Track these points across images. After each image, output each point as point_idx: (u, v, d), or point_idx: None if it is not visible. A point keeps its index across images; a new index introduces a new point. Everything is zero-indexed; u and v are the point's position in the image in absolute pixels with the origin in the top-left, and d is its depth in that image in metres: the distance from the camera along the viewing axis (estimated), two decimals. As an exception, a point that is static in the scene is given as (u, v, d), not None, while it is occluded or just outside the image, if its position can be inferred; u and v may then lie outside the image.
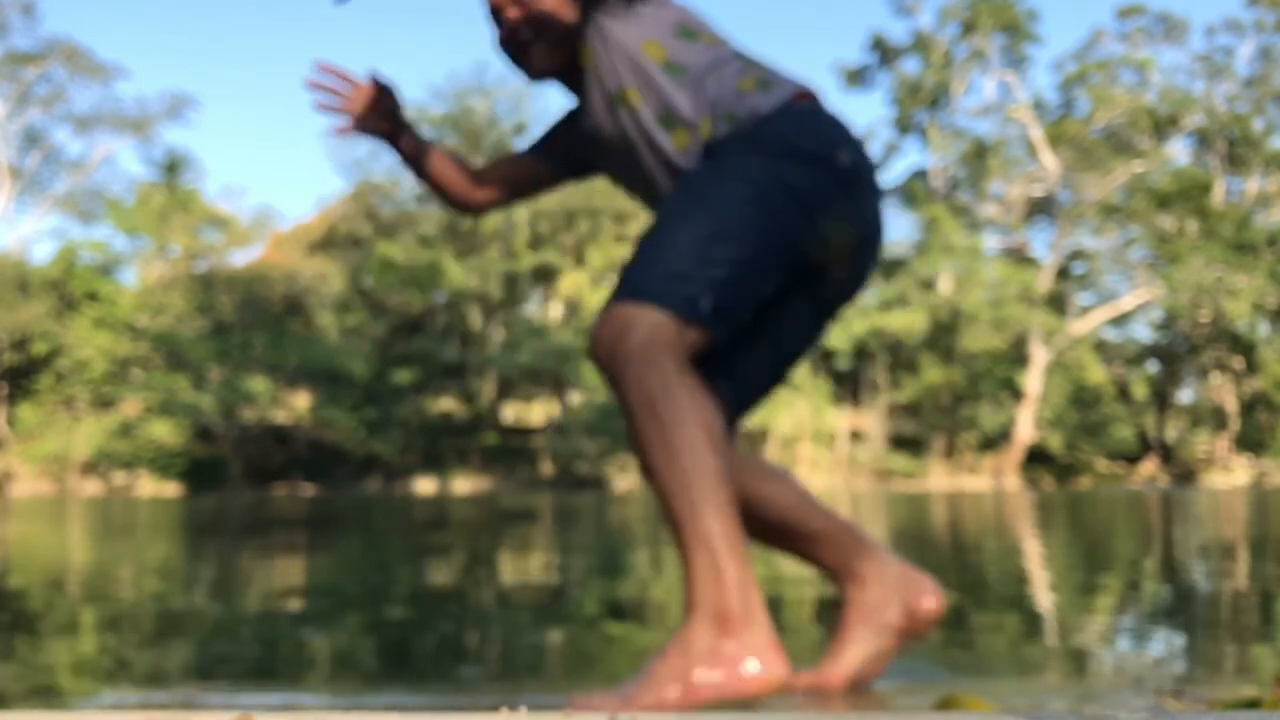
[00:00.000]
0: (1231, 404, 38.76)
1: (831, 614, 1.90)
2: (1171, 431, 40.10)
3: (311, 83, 1.92)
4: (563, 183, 1.99)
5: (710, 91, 1.65)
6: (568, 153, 1.91)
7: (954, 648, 2.37)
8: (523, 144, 2.07)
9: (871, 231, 1.78)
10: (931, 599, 1.77)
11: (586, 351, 1.59)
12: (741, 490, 1.61)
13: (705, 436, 1.47)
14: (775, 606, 3.26)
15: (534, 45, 1.74)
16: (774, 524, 1.72)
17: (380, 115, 1.94)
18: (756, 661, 1.42)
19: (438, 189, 1.97)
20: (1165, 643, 2.44)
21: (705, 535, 1.44)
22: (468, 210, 1.98)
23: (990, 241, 40.16)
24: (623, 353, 1.48)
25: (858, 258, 1.76)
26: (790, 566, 4.29)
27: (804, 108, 1.71)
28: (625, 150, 1.72)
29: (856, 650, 1.70)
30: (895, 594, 1.73)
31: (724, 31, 1.76)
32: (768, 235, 1.57)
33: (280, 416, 36.75)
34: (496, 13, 1.76)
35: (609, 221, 37.70)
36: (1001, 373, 37.68)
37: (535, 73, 1.78)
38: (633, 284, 1.53)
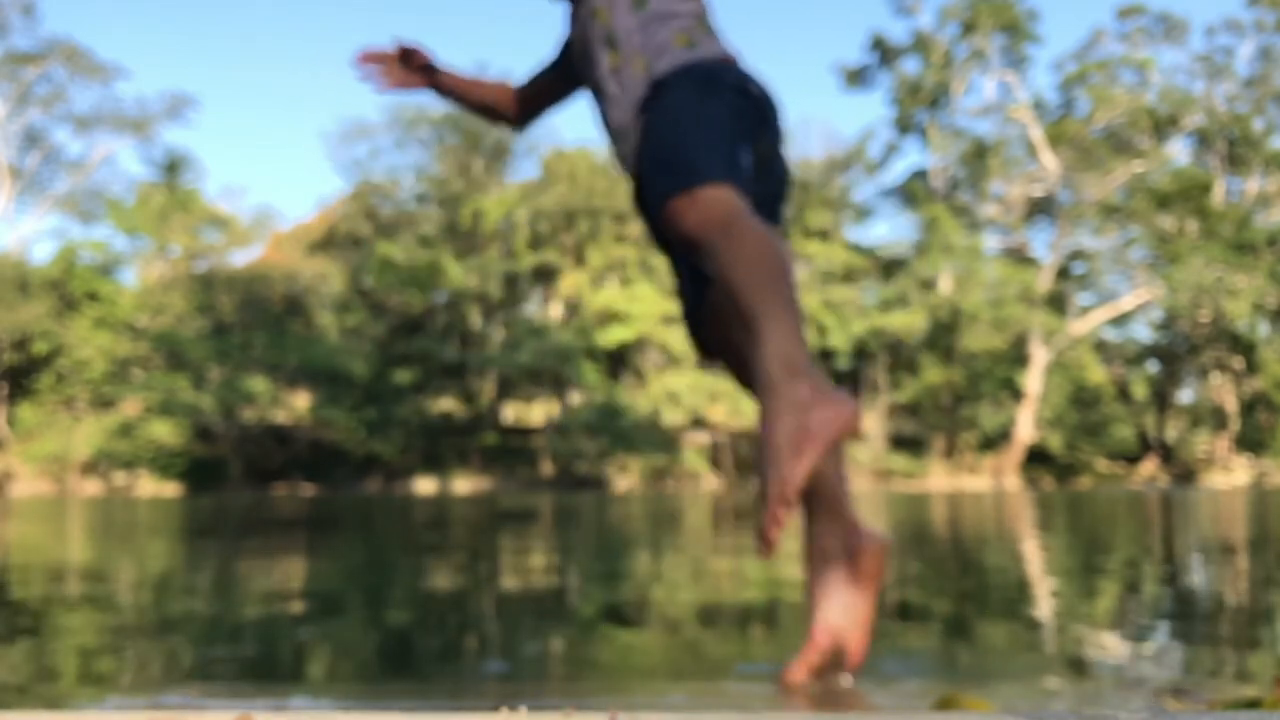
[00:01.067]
0: (1231, 404, 38.77)
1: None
2: (1171, 431, 40.10)
3: (357, 71, 2.24)
4: (572, 92, 2.29)
5: (654, 36, 1.98)
6: (570, 65, 2.22)
7: (954, 648, 2.37)
8: (522, 144, 2.26)
9: (781, 140, 2.09)
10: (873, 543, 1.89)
11: (665, 231, 1.87)
12: None
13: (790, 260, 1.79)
14: (775, 607, 3.26)
15: None
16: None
17: (414, 71, 2.26)
18: (839, 394, 1.67)
19: (483, 113, 2.33)
20: (1165, 643, 2.44)
21: (795, 312, 1.72)
22: (513, 125, 2.36)
23: (990, 241, 40.20)
24: (721, 218, 1.74)
25: (778, 159, 2.06)
26: (791, 569, 4.29)
27: (721, 64, 2.01)
28: (586, 57, 2.07)
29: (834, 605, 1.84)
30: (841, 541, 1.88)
31: None
32: (735, 129, 1.92)
33: (280, 416, 36.75)
34: None
35: (609, 221, 37.70)
36: (1001, 373, 37.68)
37: None
38: (688, 170, 1.80)
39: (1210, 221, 37.60)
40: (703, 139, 1.86)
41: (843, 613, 1.84)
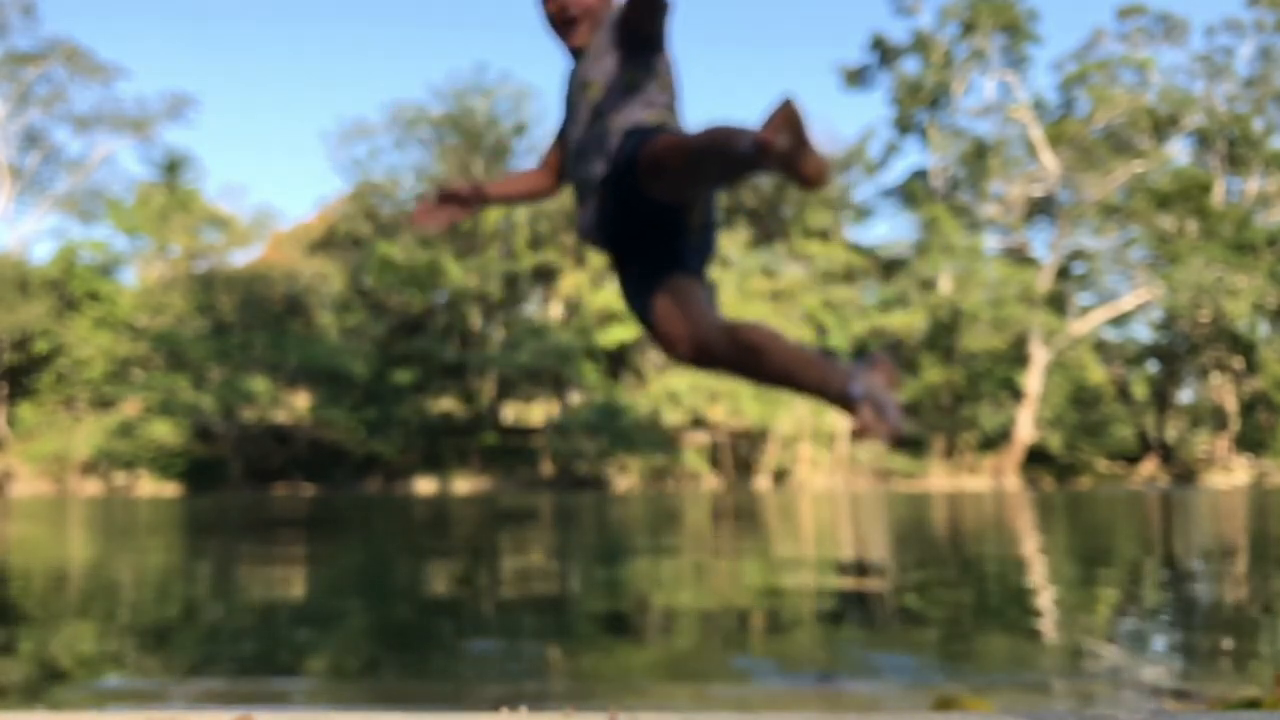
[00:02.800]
0: (1231, 404, 38.75)
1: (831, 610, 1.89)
2: (1171, 431, 40.09)
3: (416, 225, 2.55)
4: None
5: (634, 113, 2.34)
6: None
7: (954, 648, 2.37)
8: (522, 144, 2.36)
9: (716, 219, 2.47)
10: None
11: (637, 169, 2.13)
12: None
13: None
14: (775, 608, 3.25)
15: (579, 25, 2.38)
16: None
17: (463, 203, 2.56)
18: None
19: (527, 199, 2.63)
20: (1165, 643, 2.43)
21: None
22: (552, 195, 2.62)
23: (990, 241, 40.18)
24: (685, 140, 2.04)
25: (711, 230, 2.44)
26: (789, 573, 4.29)
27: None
28: (571, 115, 2.40)
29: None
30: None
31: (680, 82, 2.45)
32: None
33: (280, 416, 36.73)
34: None
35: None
36: (1001, 373, 37.66)
37: (573, 44, 2.40)
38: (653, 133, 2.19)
39: (1210, 221, 37.59)
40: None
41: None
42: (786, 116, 1.92)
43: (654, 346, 2.43)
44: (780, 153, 1.91)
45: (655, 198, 2.13)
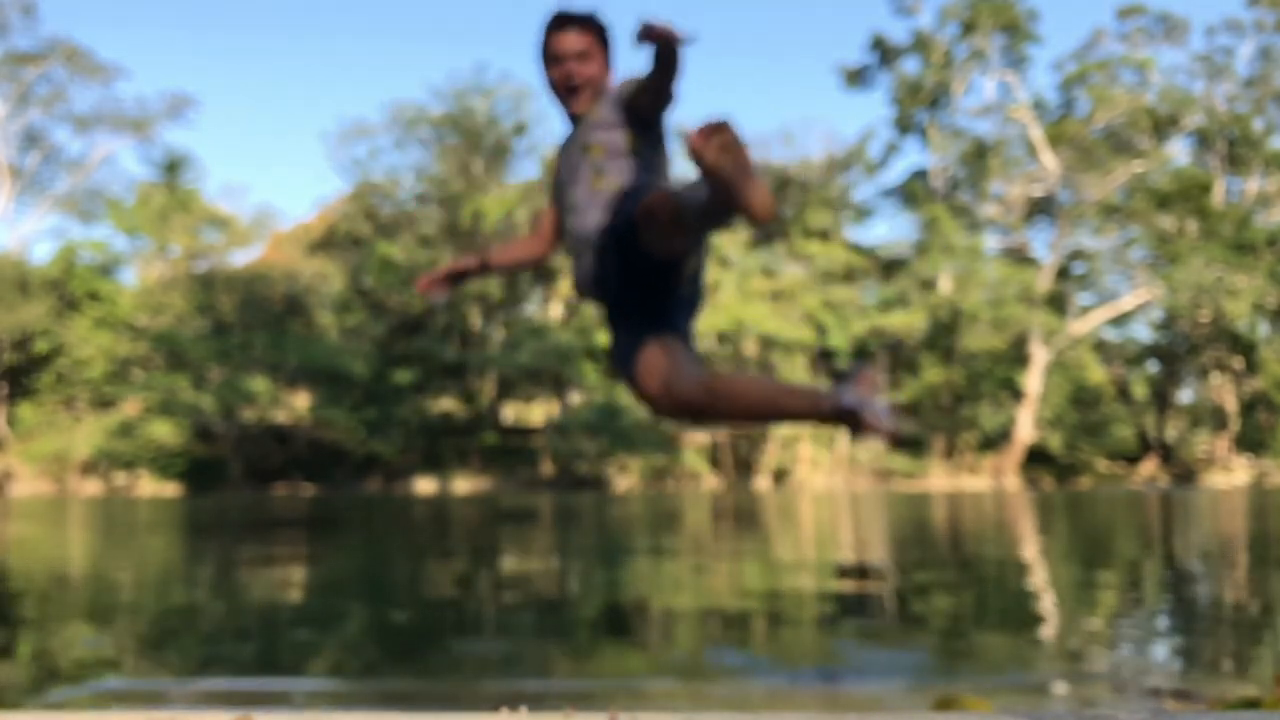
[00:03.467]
0: (1231, 404, 38.75)
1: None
2: (1171, 431, 40.09)
3: (421, 294, 2.75)
4: None
5: (635, 177, 2.53)
6: (557, 192, 2.69)
7: (954, 648, 2.37)
8: (522, 144, 2.44)
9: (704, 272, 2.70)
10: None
11: (635, 224, 2.28)
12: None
13: None
14: (775, 608, 3.25)
15: (582, 93, 2.58)
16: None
17: (466, 274, 2.77)
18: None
19: (527, 266, 2.79)
20: (1165, 643, 2.43)
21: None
22: (548, 257, 2.81)
23: (990, 241, 40.16)
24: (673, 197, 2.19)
25: (700, 279, 2.65)
26: (788, 573, 4.29)
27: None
28: (570, 175, 2.57)
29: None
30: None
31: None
32: None
33: (280, 416, 36.72)
34: (559, 62, 2.59)
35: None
36: (1001, 373, 37.65)
37: (574, 110, 2.60)
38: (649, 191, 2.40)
39: (1210, 221, 37.58)
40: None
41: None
42: (725, 141, 2.02)
43: (639, 402, 2.58)
44: (722, 178, 2.01)
45: (651, 252, 2.26)
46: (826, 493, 26.81)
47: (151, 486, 34.95)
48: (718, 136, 2.02)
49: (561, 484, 36.07)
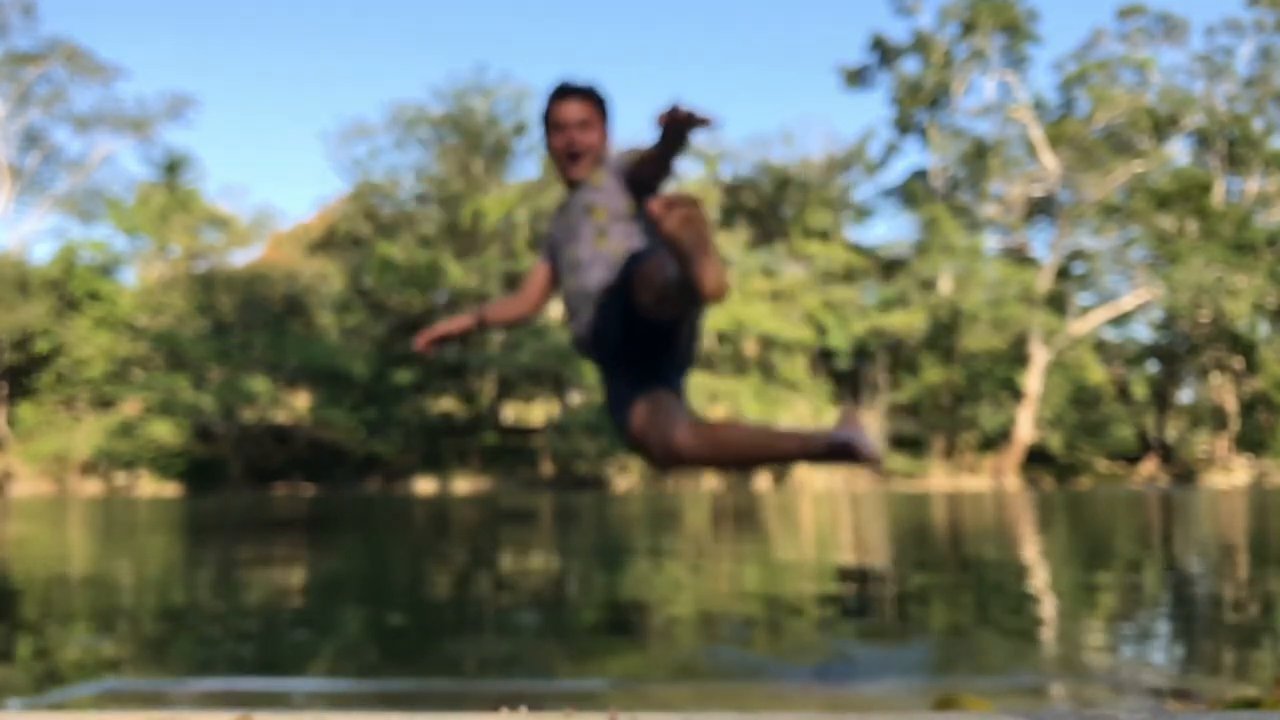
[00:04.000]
0: (1231, 404, 38.74)
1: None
2: (1171, 431, 40.08)
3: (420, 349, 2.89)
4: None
5: (636, 240, 2.68)
6: (550, 252, 2.89)
7: (954, 648, 2.37)
8: (522, 144, 2.52)
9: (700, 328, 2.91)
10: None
11: (633, 287, 2.38)
12: None
13: None
14: (775, 608, 3.25)
15: (582, 160, 2.76)
16: None
17: (463, 330, 2.91)
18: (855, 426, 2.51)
19: (519, 323, 2.97)
20: (1165, 643, 2.43)
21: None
22: (536, 315, 2.98)
23: (990, 241, 40.15)
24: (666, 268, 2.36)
25: (695, 337, 2.86)
26: (788, 573, 4.29)
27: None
28: (570, 235, 2.74)
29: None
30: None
31: None
32: None
33: (280, 416, 36.71)
34: (561, 130, 2.76)
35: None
36: (1001, 373, 37.64)
37: (574, 175, 2.77)
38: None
39: (1210, 221, 37.57)
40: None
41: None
42: (686, 215, 2.11)
43: (634, 453, 2.70)
44: (679, 250, 2.12)
45: (647, 314, 2.38)
46: (826, 493, 26.82)
47: (151, 486, 34.95)
48: (681, 208, 2.10)
49: (561, 484, 36.06)
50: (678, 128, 2.42)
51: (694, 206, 2.12)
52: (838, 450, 2.52)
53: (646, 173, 2.65)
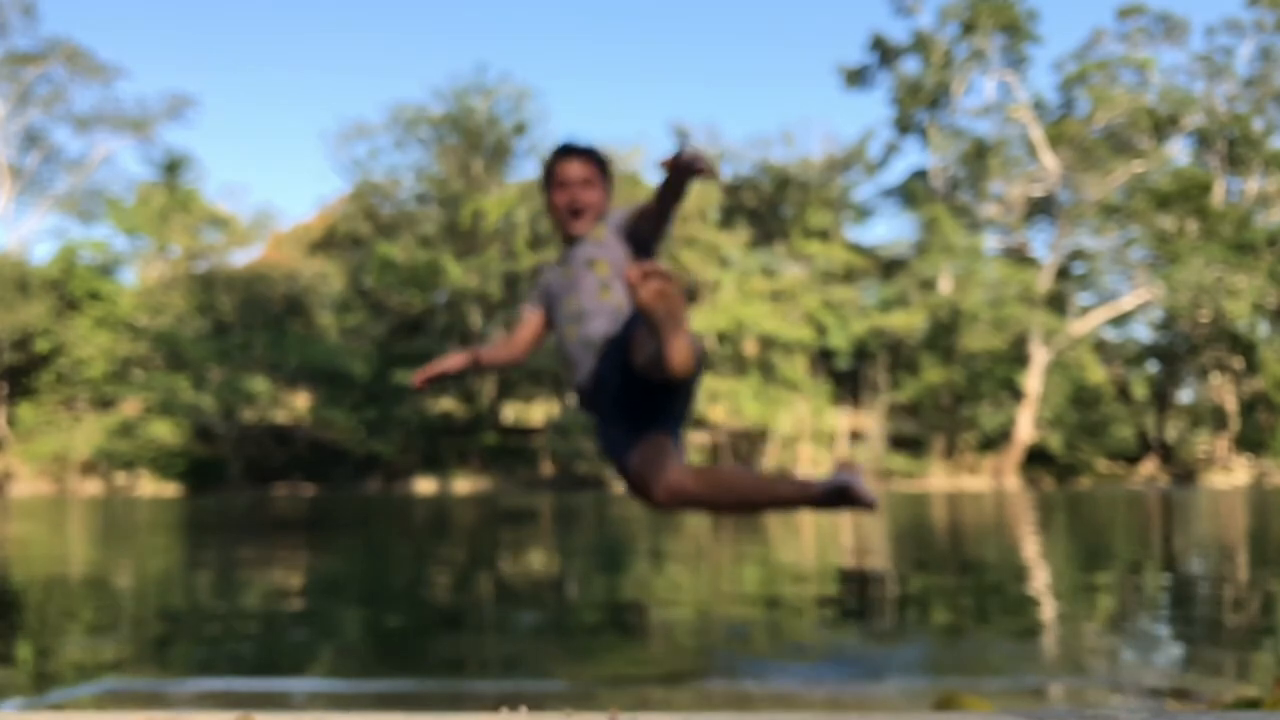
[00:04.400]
0: (1231, 404, 38.73)
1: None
2: (1171, 431, 40.08)
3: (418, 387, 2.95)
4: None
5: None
6: (544, 301, 3.00)
7: (954, 648, 2.37)
8: (522, 144, 2.56)
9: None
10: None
11: (631, 346, 2.48)
12: None
13: None
14: (775, 608, 3.25)
15: (584, 216, 2.86)
16: None
17: (448, 370, 2.97)
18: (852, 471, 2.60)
19: (508, 367, 3.03)
20: (1165, 643, 2.43)
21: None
22: (522, 362, 3.05)
23: (990, 241, 40.14)
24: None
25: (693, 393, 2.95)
26: (788, 573, 4.29)
27: None
28: (571, 288, 2.84)
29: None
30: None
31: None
32: None
33: (280, 416, 36.70)
34: (565, 187, 2.87)
35: (609, 221, 37.64)
36: (1001, 373, 37.64)
37: (576, 231, 2.87)
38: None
39: (1210, 221, 37.56)
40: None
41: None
42: (661, 288, 2.19)
43: (633, 495, 2.73)
44: (651, 321, 2.22)
45: (643, 374, 2.47)
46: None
47: (151, 486, 34.95)
48: (656, 281, 2.18)
49: (561, 484, 36.06)
50: (679, 174, 2.50)
51: (669, 281, 2.18)
52: (835, 495, 2.58)
53: (646, 226, 2.74)
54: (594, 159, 2.98)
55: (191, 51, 55.79)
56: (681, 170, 2.55)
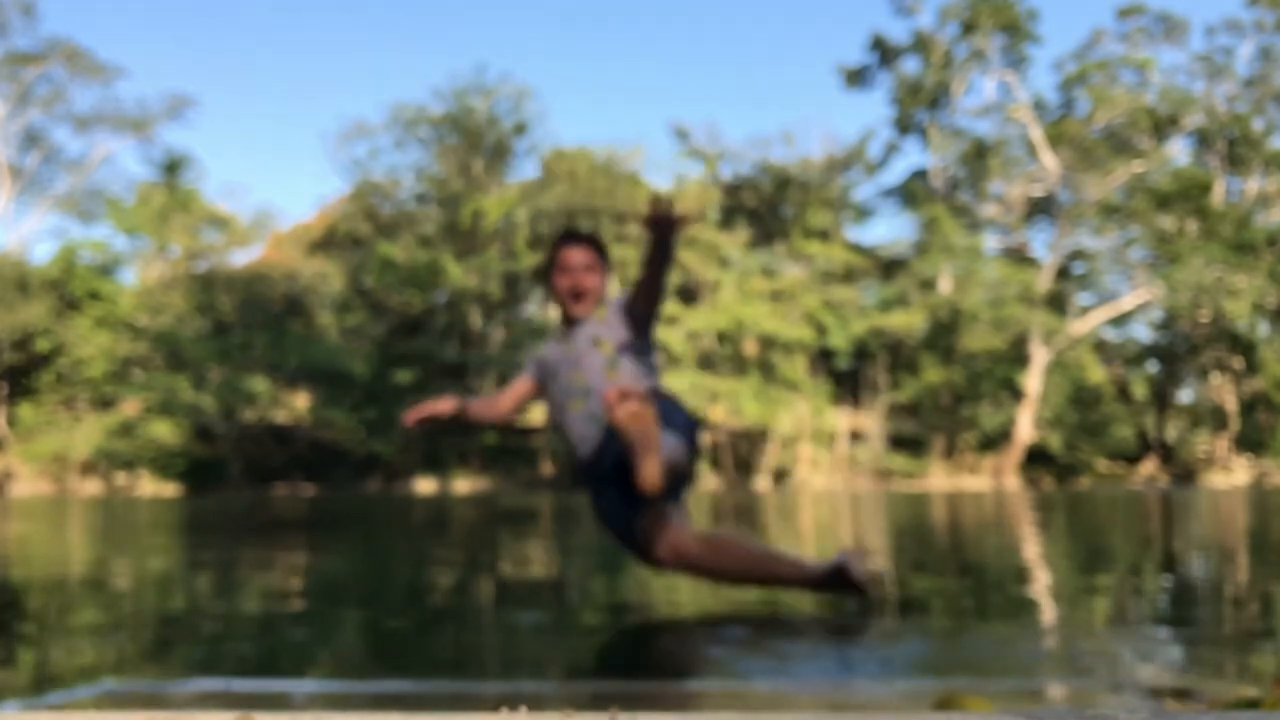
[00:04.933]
0: (1231, 404, 38.74)
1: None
2: (1171, 431, 40.08)
3: (413, 423, 3.14)
4: (537, 397, 3.31)
5: (644, 376, 3.07)
6: (543, 376, 3.22)
7: (954, 647, 2.37)
8: (522, 144, 2.73)
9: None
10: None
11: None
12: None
13: None
14: (774, 607, 3.25)
15: (586, 299, 3.09)
16: None
17: (448, 412, 3.17)
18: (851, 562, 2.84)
19: (482, 425, 3.25)
20: (1165, 643, 2.43)
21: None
22: (509, 423, 3.28)
23: (990, 241, 40.15)
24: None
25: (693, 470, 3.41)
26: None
27: (674, 401, 3.30)
28: (573, 365, 3.04)
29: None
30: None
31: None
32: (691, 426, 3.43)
33: (280, 416, 36.71)
34: (568, 272, 3.09)
35: (609, 221, 37.70)
36: (1001, 373, 37.64)
37: (578, 314, 3.10)
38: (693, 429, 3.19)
39: (1210, 221, 37.56)
40: (689, 425, 3.10)
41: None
42: (634, 411, 2.34)
43: (638, 560, 2.84)
44: (624, 440, 2.37)
45: None
46: (826, 493, 26.82)
47: (151, 486, 34.95)
48: (632, 404, 2.36)
49: (562, 484, 36.07)
50: (661, 230, 2.68)
51: (643, 404, 2.39)
52: (832, 578, 2.71)
53: (642, 302, 2.94)
54: (594, 246, 3.18)
55: (191, 51, 55.81)
56: (662, 226, 2.77)
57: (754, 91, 57.06)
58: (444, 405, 3.15)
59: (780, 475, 37.52)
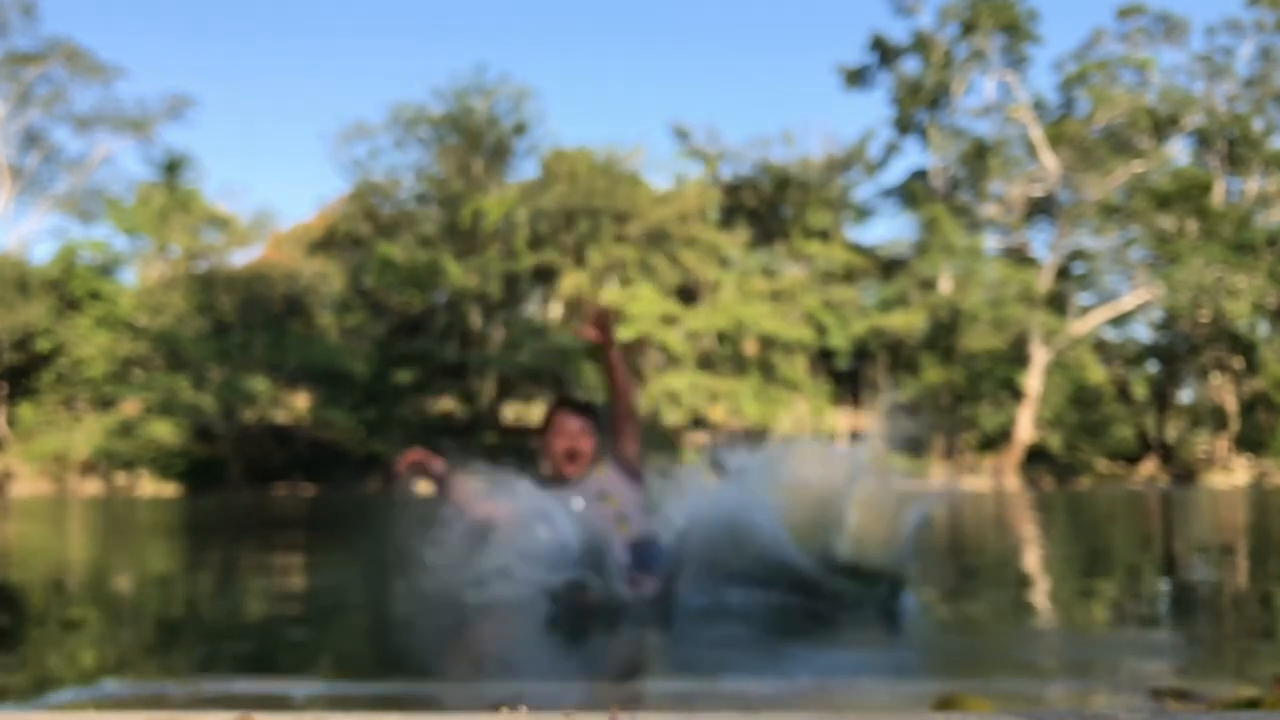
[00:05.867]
0: (1231, 404, 38.73)
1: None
2: (1171, 431, 40.07)
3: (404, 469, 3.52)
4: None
5: (649, 524, 3.40)
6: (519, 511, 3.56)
7: (954, 648, 2.37)
8: (522, 144, 2.78)
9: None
10: None
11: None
12: None
13: None
14: (773, 610, 3.25)
15: (579, 461, 3.42)
16: None
17: (430, 469, 3.59)
18: None
19: (448, 500, 3.61)
20: (1165, 643, 2.43)
21: None
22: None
23: (990, 241, 40.14)
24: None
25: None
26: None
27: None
28: (579, 516, 3.30)
29: None
30: None
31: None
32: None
33: (280, 416, 36.70)
34: (565, 436, 3.44)
35: (609, 221, 37.70)
36: (1001, 373, 37.63)
37: (571, 475, 3.45)
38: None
39: (1210, 221, 37.55)
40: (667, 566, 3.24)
41: None
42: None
43: None
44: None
45: None
46: (826, 493, 26.79)
47: (151, 486, 34.95)
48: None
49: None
50: (601, 331, 3.13)
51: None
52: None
53: (624, 439, 3.33)
54: (589, 413, 3.55)
55: (191, 52, 55.79)
56: (600, 327, 3.22)
57: (754, 92, 57.06)
58: (436, 465, 3.61)
59: (780, 475, 37.45)
